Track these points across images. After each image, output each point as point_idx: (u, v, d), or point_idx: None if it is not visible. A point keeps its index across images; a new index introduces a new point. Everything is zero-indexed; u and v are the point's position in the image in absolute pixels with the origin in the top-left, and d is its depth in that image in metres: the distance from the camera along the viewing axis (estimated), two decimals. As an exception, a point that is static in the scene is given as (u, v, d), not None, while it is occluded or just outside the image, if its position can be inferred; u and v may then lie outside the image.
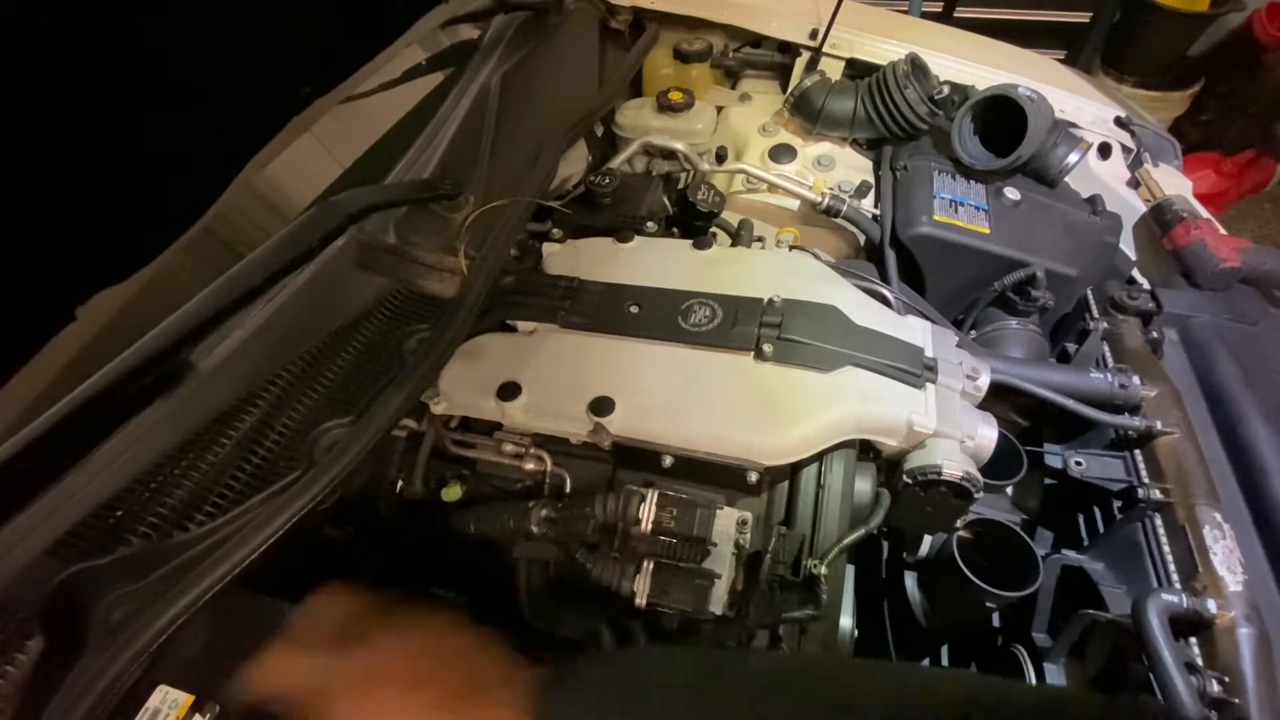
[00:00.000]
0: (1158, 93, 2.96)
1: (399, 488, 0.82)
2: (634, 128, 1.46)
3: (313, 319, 0.82)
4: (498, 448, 0.82)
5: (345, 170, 1.08)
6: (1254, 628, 0.75)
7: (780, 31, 1.50)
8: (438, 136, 1.07)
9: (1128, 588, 0.87)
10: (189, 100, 0.80)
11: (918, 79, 1.25)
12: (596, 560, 0.72)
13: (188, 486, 0.66)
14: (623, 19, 1.55)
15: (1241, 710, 0.69)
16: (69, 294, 0.69)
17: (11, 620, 0.55)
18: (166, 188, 0.81)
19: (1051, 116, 1.15)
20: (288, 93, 0.93)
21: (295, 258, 0.76)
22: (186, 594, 0.56)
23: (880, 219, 1.22)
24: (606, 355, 0.84)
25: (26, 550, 0.58)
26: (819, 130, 1.38)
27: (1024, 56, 1.55)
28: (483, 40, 1.26)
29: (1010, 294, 1.12)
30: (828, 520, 0.77)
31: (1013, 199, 1.18)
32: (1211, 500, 0.85)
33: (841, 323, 0.83)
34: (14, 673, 0.53)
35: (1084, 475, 0.94)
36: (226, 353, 0.74)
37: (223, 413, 0.71)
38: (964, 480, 0.74)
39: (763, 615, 0.71)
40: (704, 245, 0.98)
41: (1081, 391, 0.96)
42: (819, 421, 0.75)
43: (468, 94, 1.13)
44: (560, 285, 0.92)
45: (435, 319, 0.85)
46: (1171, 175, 1.29)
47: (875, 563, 1.06)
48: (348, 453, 0.66)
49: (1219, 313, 1.10)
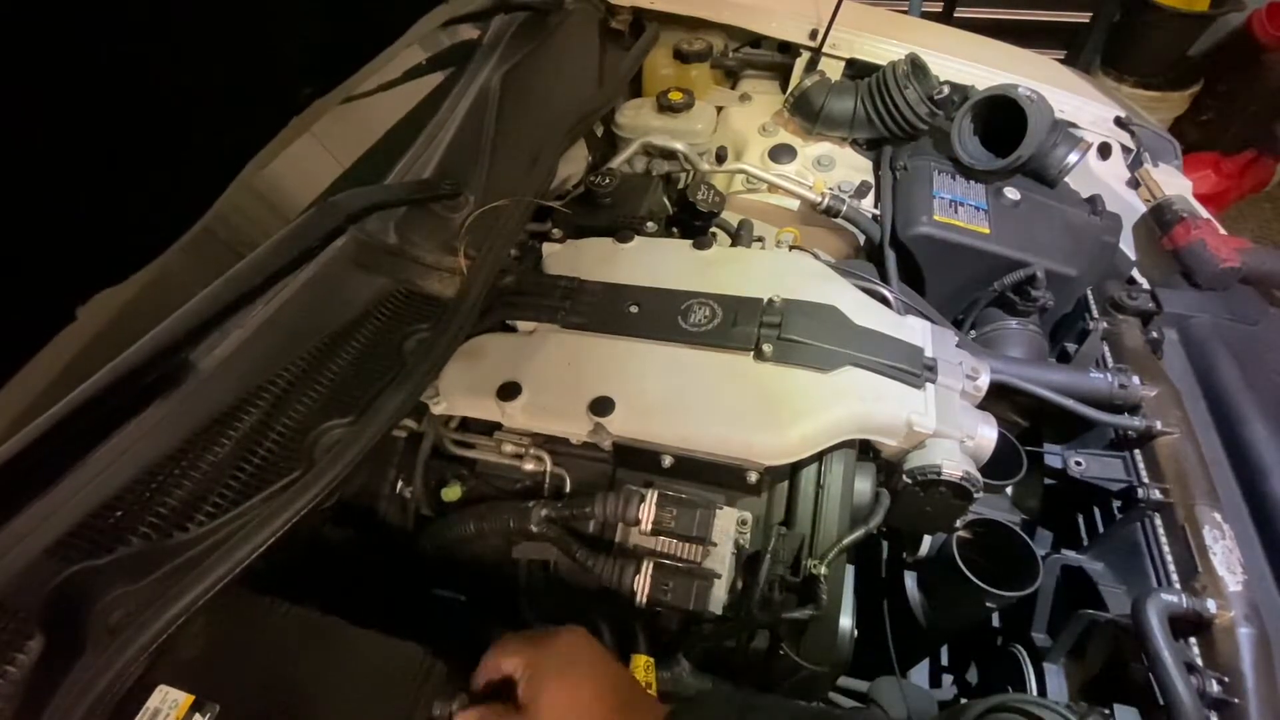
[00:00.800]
0: (1157, 93, 2.96)
1: (399, 488, 0.82)
2: (634, 128, 1.46)
3: (313, 319, 0.82)
4: (498, 448, 0.82)
5: (345, 170, 1.08)
6: (1254, 628, 0.75)
7: (780, 31, 1.50)
8: (438, 136, 1.07)
9: (1127, 588, 0.87)
10: (190, 100, 0.80)
11: (918, 79, 1.25)
12: (596, 560, 0.72)
13: (188, 486, 0.66)
14: (623, 19, 1.55)
15: (1241, 710, 0.69)
16: (69, 294, 0.69)
17: (11, 620, 0.55)
18: (167, 188, 0.81)
19: (1051, 116, 1.15)
20: (288, 93, 0.94)
21: (295, 258, 0.76)
22: (186, 594, 0.56)
23: (880, 219, 1.22)
24: (606, 355, 0.84)
25: (26, 550, 0.58)
26: (819, 130, 1.38)
27: (1024, 56, 1.55)
28: (483, 40, 1.26)
29: (1010, 294, 1.12)
30: (827, 520, 0.77)
31: (1012, 199, 1.18)
32: (1211, 500, 0.85)
33: (841, 323, 0.83)
34: (14, 673, 0.53)
35: (1084, 475, 0.94)
36: (226, 353, 0.74)
37: (223, 413, 0.71)
38: (964, 480, 0.74)
39: (762, 615, 0.71)
40: (704, 245, 0.98)
41: (1081, 391, 0.97)
42: (819, 421, 0.75)
43: (468, 94, 1.13)
44: (560, 285, 0.92)
45: (435, 319, 0.85)
46: (1171, 175, 1.29)
47: (875, 563, 1.06)
48: (348, 453, 0.66)
49: (1219, 313, 1.11)
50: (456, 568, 0.82)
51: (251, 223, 0.90)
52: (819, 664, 0.73)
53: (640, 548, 0.73)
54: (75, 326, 0.69)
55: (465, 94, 1.13)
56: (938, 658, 1.13)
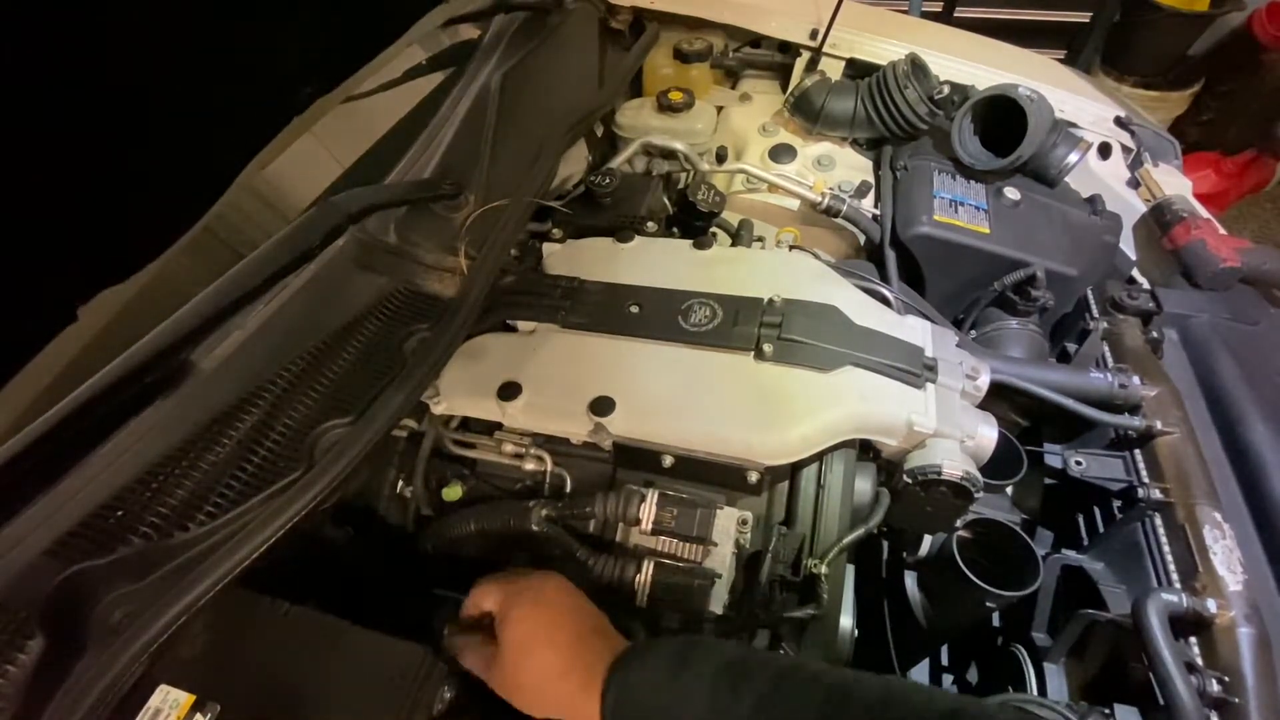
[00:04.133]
0: (1158, 92, 2.96)
1: (399, 487, 0.82)
2: (634, 128, 1.46)
3: (313, 319, 0.82)
4: (498, 448, 0.82)
5: (345, 170, 1.08)
6: (1254, 627, 0.75)
7: (780, 31, 1.50)
8: (438, 136, 1.06)
9: (1128, 587, 0.87)
10: (190, 100, 0.80)
11: (918, 79, 1.25)
12: (597, 560, 0.72)
13: (188, 486, 0.66)
14: (623, 19, 1.55)
15: (1242, 710, 0.69)
16: (70, 294, 0.69)
17: (11, 620, 0.55)
18: (167, 187, 0.81)
19: (1051, 116, 1.15)
20: (288, 93, 0.93)
21: (295, 258, 0.76)
22: (187, 594, 0.56)
23: (880, 219, 1.22)
24: (607, 355, 0.84)
25: (26, 550, 0.58)
26: (819, 130, 1.38)
27: (1024, 56, 1.55)
28: (483, 40, 1.26)
29: (1010, 294, 1.12)
30: (828, 520, 0.77)
31: (1013, 199, 1.18)
32: (1211, 500, 0.85)
33: (841, 322, 0.83)
34: (14, 673, 0.53)
35: (1084, 475, 0.94)
36: (226, 353, 0.74)
37: (223, 413, 0.71)
38: (964, 480, 0.74)
39: (763, 615, 0.71)
40: (704, 245, 0.98)
41: (1081, 391, 0.97)
42: (819, 421, 0.75)
43: (468, 94, 1.13)
44: (560, 285, 0.92)
45: (435, 319, 0.85)
46: (1171, 175, 1.29)
47: (875, 563, 1.06)
48: (348, 453, 0.66)
49: (1219, 313, 1.10)
50: (457, 567, 0.82)
51: (251, 223, 0.90)
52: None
53: (641, 547, 0.73)
54: (76, 326, 0.69)
55: (465, 94, 1.13)
56: (938, 658, 1.12)
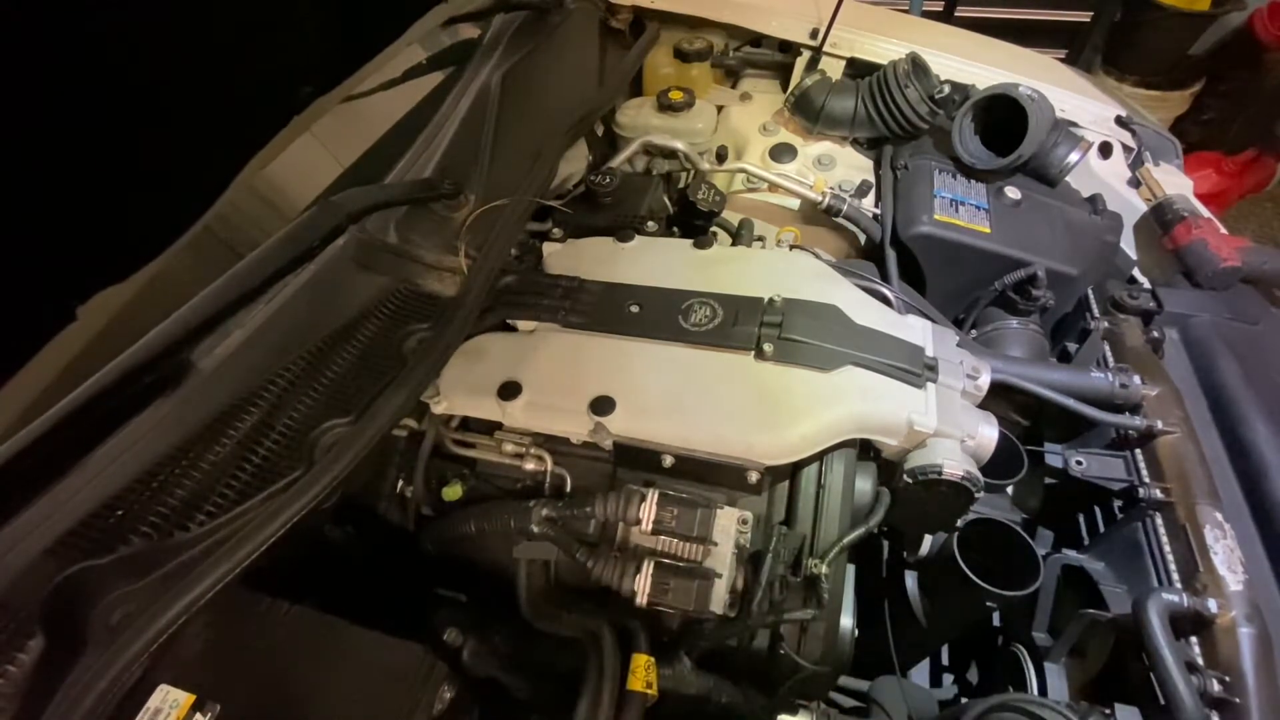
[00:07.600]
0: (1158, 92, 2.95)
1: (399, 487, 0.82)
2: (634, 127, 1.46)
3: (313, 319, 0.82)
4: (498, 447, 0.82)
5: (345, 170, 1.08)
6: (1254, 627, 0.75)
7: (781, 31, 1.50)
8: (438, 136, 1.06)
9: (1128, 587, 0.87)
10: (190, 100, 0.80)
11: (918, 78, 1.25)
12: (597, 560, 0.72)
13: (188, 486, 0.66)
14: (623, 18, 1.55)
15: (1242, 710, 0.69)
16: (70, 294, 0.69)
17: (12, 620, 0.55)
18: (167, 187, 0.81)
19: (1052, 116, 1.15)
20: (288, 93, 0.93)
21: (295, 258, 0.76)
22: (186, 594, 0.56)
23: (881, 218, 1.22)
24: (607, 355, 0.84)
25: (26, 550, 0.58)
26: (819, 129, 1.38)
27: (1024, 56, 1.55)
28: (483, 40, 1.25)
29: (1011, 293, 1.12)
30: (828, 520, 0.77)
31: (1013, 198, 1.18)
32: (1212, 500, 0.85)
33: (842, 322, 0.83)
34: (14, 673, 0.53)
35: (1084, 474, 0.94)
36: (226, 353, 0.74)
37: (223, 413, 0.71)
38: (964, 479, 0.74)
39: (764, 614, 0.71)
40: (704, 245, 0.98)
41: (1082, 391, 0.96)
42: (819, 421, 0.75)
43: (468, 94, 1.13)
44: (560, 285, 0.92)
45: (435, 319, 0.85)
46: (1172, 174, 1.29)
47: (875, 562, 1.06)
48: (348, 453, 0.66)
49: (1220, 312, 1.10)
50: (457, 567, 0.83)
51: (251, 223, 0.90)
52: (820, 663, 0.73)
53: (641, 547, 0.73)
54: (76, 326, 0.69)
55: (465, 93, 1.13)
56: (938, 657, 1.12)
